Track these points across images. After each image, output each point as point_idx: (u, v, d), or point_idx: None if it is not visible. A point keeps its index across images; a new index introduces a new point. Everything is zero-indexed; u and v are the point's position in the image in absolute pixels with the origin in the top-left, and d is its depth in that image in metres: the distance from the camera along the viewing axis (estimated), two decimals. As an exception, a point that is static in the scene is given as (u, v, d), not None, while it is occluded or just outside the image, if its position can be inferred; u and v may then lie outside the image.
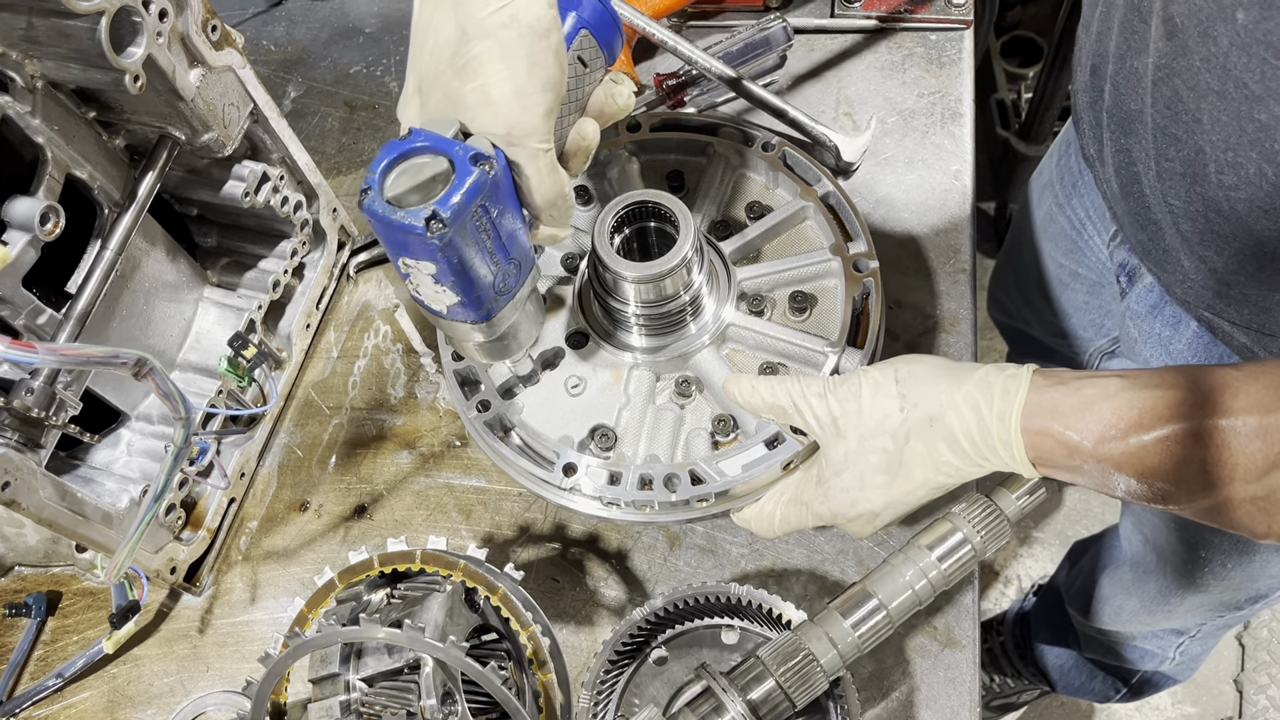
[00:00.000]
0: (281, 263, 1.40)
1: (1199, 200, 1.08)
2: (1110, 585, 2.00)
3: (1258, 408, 0.80)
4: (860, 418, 0.99)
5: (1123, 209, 1.29)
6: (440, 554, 1.07)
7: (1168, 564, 1.72)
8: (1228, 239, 1.07)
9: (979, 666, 1.18)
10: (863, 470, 1.00)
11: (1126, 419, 0.86)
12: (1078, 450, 0.88)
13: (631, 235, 1.17)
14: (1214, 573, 1.60)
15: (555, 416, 1.17)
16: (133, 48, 1.04)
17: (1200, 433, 0.81)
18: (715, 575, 1.24)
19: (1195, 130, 1.02)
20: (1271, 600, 1.68)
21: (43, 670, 1.29)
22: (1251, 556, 1.51)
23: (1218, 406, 0.81)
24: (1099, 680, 2.29)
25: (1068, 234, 1.60)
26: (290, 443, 1.43)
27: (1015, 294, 1.94)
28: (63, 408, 1.10)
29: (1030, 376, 0.93)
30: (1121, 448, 0.86)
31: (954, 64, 1.58)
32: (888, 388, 0.99)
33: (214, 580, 1.34)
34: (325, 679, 1.03)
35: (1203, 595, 1.69)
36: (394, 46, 1.81)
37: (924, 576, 0.99)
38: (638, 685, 1.15)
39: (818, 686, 0.98)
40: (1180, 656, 2.07)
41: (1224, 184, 1.02)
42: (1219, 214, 1.06)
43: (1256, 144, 0.94)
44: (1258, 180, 0.97)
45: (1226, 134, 0.97)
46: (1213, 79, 0.95)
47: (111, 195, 1.16)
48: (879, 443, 0.98)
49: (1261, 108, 0.90)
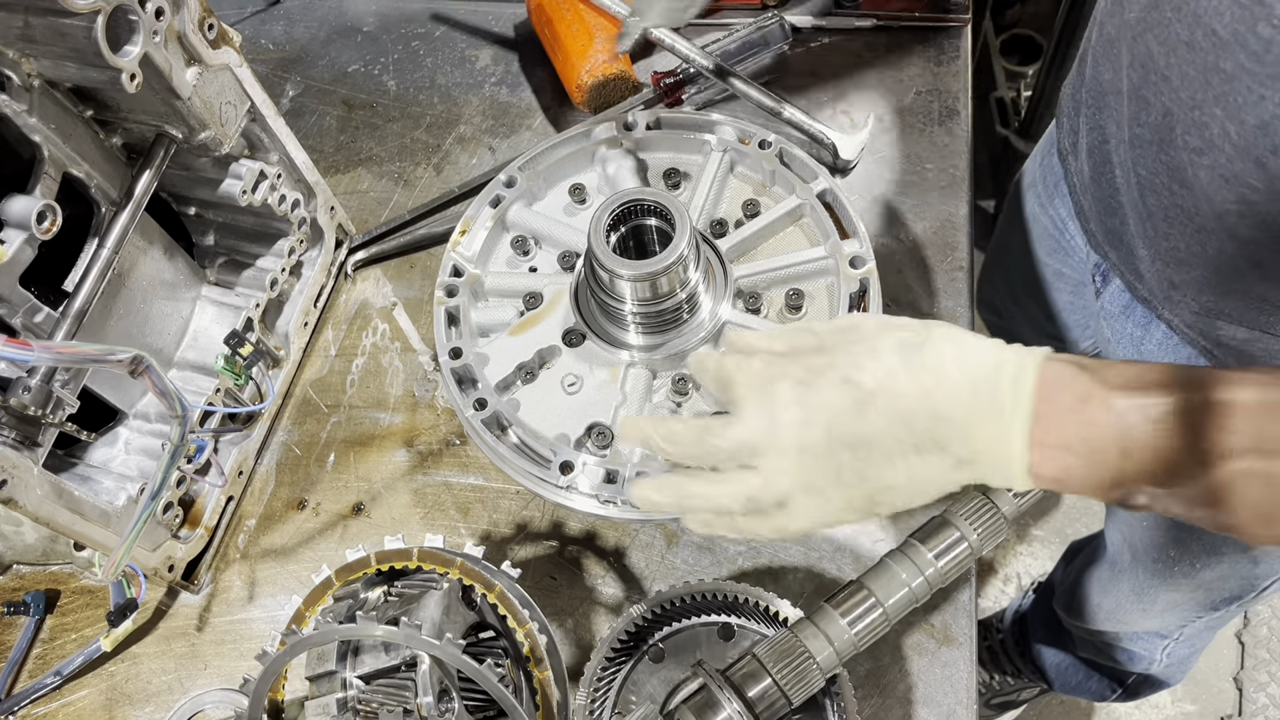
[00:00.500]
0: (279, 261, 1.40)
1: (1164, 171, 1.06)
2: (1090, 584, 2.00)
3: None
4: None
5: (1091, 197, 1.28)
6: (437, 552, 1.07)
7: (1140, 562, 1.72)
8: (1190, 214, 1.06)
9: (976, 664, 1.18)
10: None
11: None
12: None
13: (628, 233, 1.17)
14: (1183, 571, 1.60)
15: (552, 415, 1.17)
16: (129, 46, 1.04)
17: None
18: (712, 573, 1.25)
19: (1164, 90, 1.01)
20: (1246, 602, 1.68)
21: (41, 668, 1.30)
22: (1221, 557, 1.51)
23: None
24: (1095, 680, 2.30)
25: (1050, 234, 1.60)
26: (288, 441, 1.43)
27: (1004, 293, 1.95)
28: (60, 406, 1.10)
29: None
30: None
31: (951, 61, 1.58)
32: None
33: (212, 578, 1.34)
34: (322, 676, 1.03)
35: (1175, 594, 1.69)
36: (392, 45, 1.81)
37: (920, 574, 0.99)
38: (635, 682, 1.15)
39: (814, 684, 0.98)
40: (1167, 659, 2.08)
41: (1189, 146, 1.00)
42: (1183, 185, 1.04)
43: (1221, 99, 0.92)
44: (1221, 142, 0.95)
45: (1193, 90, 0.95)
46: (1183, 29, 0.94)
47: (109, 194, 1.16)
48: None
49: (1227, 55, 0.89)
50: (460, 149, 1.66)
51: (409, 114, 1.71)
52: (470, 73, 1.75)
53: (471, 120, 1.69)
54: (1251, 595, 1.67)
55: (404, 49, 1.80)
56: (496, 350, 1.21)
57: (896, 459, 0.87)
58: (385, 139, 1.69)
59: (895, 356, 0.89)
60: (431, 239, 1.55)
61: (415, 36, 1.81)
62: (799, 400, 0.89)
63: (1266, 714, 2.75)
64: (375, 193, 1.63)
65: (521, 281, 1.26)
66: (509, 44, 1.77)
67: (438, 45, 1.79)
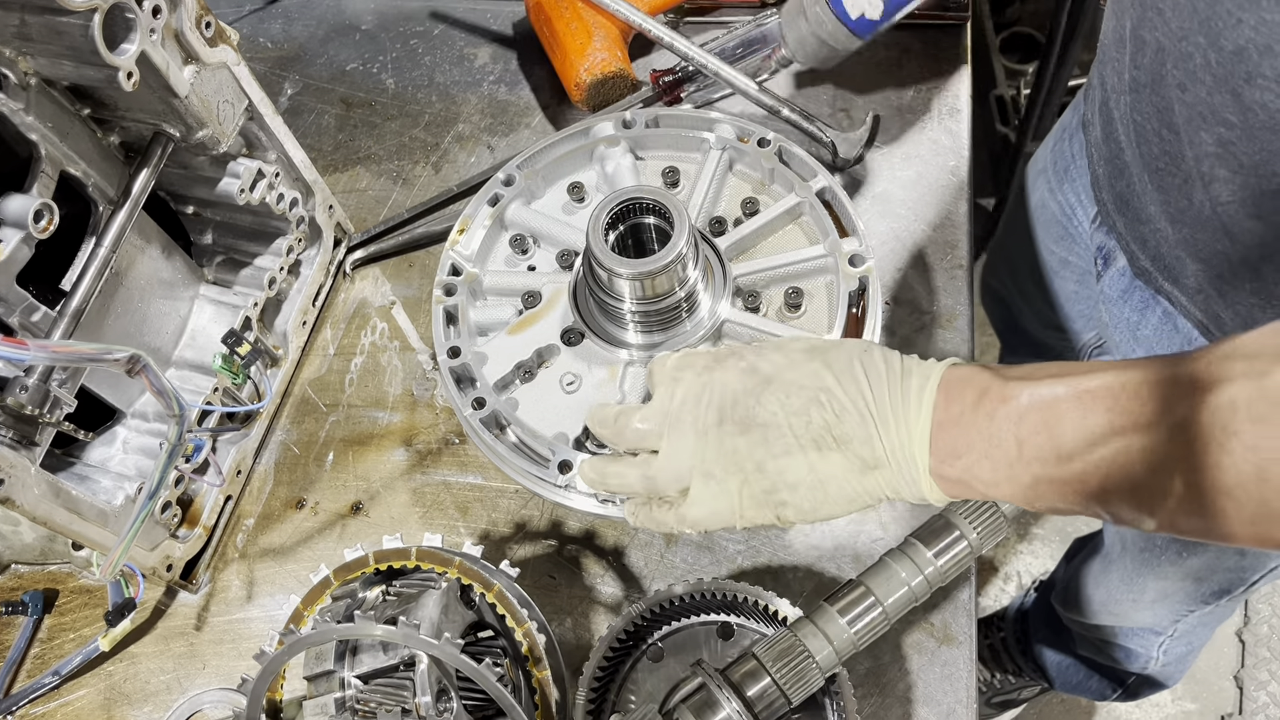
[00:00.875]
0: (277, 260, 1.40)
1: (1154, 114, 1.07)
2: (1085, 576, 2.02)
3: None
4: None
5: (1104, 160, 1.28)
6: (436, 551, 1.07)
7: (1129, 551, 1.73)
8: (1177, 161, 1.06)
9: (976, 663, 1.18)
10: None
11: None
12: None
13: (626, 232, 1.16)
14: (1170, 559, 1.61)
15: (550, 413, 1.17)
16: (126, 45, 1.04)
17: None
18: (712, 572, 1.24)
19: (1158, 25, 1.01)
20: (1236, 596, 1.69)
21: (39, 668, 1.29)
22: (1205, 544, 1.52)
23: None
24: (1095, 679, 2.30)
25: (1058, 220, 1.60)
26: (287, 440, 1.43)
27: (1009, 282, 1.95)
28: (58, 405, 1.10)
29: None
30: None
31: (951, 59, 1.58)
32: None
33: (210, 578, 1.34)
34: (320, 676, 1.02)
35: (1164, 583, 1.70)
36: (390, 44, 1.81)
37: (920, 573, 0.99)
38: (634, 681, 1.15)
39: (813, 684, 0.97)
40: (1164, 657, 2.08)
41: (1175, 81, 1.01)
42: (1169, 128, 1.05)
43: (1205, 24, 0.93)
44: (1202, 74, 0.96)
45: (1183, 19, 0.96)
46: None
47: (106, 192, 1.16)
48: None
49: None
50: (459, 147, 1.66)
51: (407, 112, 1.71)
52: (469, 71, 1.75)
53: (470, 119, 1.69)
54: (1241, 589, 1.67)
55: (402, 47, 1.80)
56: (495, 349, 1.21)
57: (796, 452, 0.89)
58: (384, 137, 1.68)
59: (801, 354, 0.92)
60: (430, 238, 1.55)
61: (414, 35, 1.81)
62: (699, 383, 0.93)
63: (1267, 712, 2.75)
64: (374, 191, 1.63)
65: (520, 280, 1.26)
66: (507, 42, 1.77)
67: (436, 43, 1.79)
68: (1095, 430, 0.74)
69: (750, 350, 0.95)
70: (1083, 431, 0.75)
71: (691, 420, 0.93)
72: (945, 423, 0.84)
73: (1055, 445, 0.77)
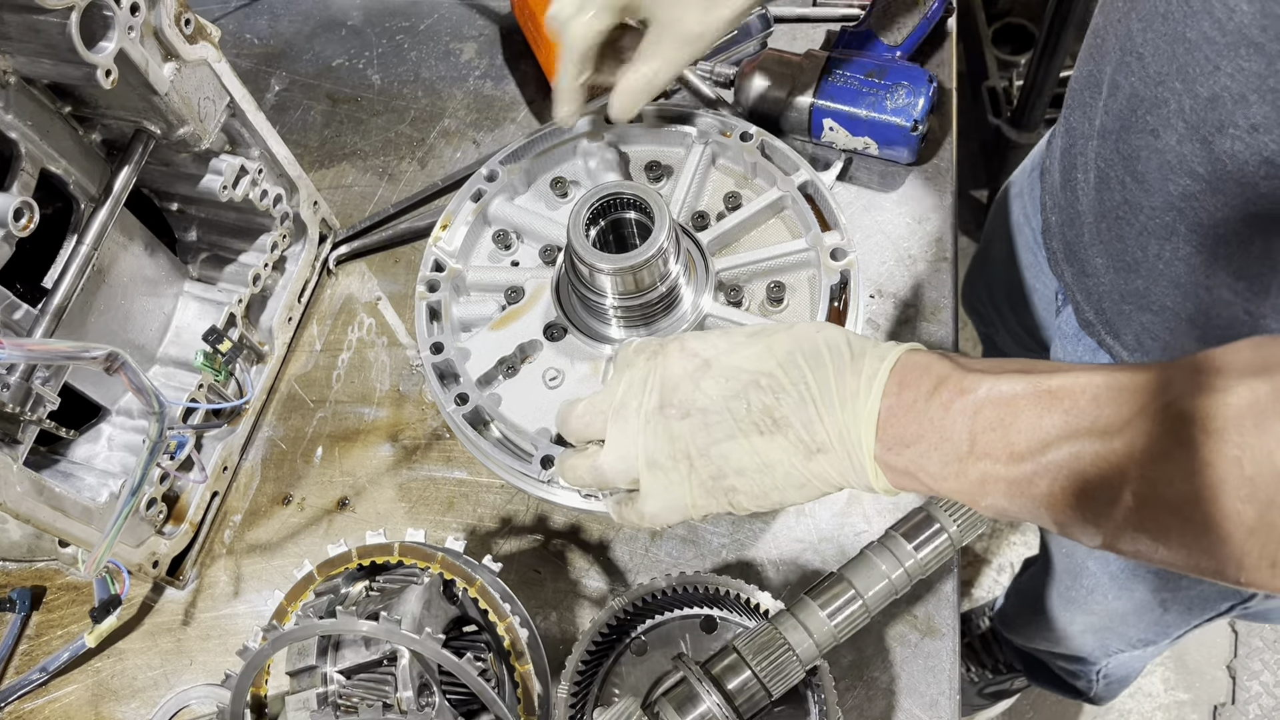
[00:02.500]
0: (262, 256, 1.40)
1: (1119, 161, 1.07)
2: (1017, 601, 2.10)
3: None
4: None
5: (1058, 208, 1.29)
6: (419, 547, 1.07)
7: (1058, 582, 1.77)
8: (1136, 210, 1.06)
9: (959, 655, 1.18)
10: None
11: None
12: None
13: (607, 227, 1.16)
14: (1097, 600, 1.65)
15: (533, 409, 1.17)
16: (104, 42, 1.04)
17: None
18: (696, 565, 1.25)
19: (1135, 69, 1.00)
20: (1162, 647, 1.77)
21: (27, 664, 1.30)
22: (1130, 593, 1.55)
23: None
24: (1059, 682, 2.32)
25: (1030, 247, 1.59)
26: (273, 436, 1.43)
27: (986, 300, 1.95)
28: (40, 403, 1.10)
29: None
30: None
31: (936, 50, 1.58)
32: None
33: (198, 574, 1.34)
34: (303, 671, 1.03)
35: (1091, 619, 1.75)
36: (376, 39, 1.80)
37: (900, 566, 0.99)
38: (618, 675, 1.15)
39: (793, 676, 0.98)
40: (1104, 681, 2.14)
41: (1146, 128, 1.00)
42: (1134, 177, 1.04)
43: (1182, 70, 0.91)
44: (1175, 120, 0.95)
45: (1161, 64, 0.95)
46: (1160, 0, 0.93)
47: (87, 190, 1.16)
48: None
49: (1194, 23, 0.88)
50: (444, 143, 1.66)
51: (393, 108, 1.71)
52: (454, 66, 1.74)
53: (456, 114, 1.68)
54: (1166, 642, 1.69)
55: (388, 43, 1.80)
56: (478, 345, 1.21)
57: (738, 437, 0.87)
58: (369, 133, 1.68)
59: (744, 338, 0.91)
60: (416, 233, 1.54)
61: (399, 30, 1.81)
62: (645, 369, 0.92)
63: (1260, 702, 2.76)
64: (359, 187, 1.63)
65: (503, 276, 1.26)
66: (493, 37, 1.76)
67: (422, 39, 1.79)
68: (1050, 431, 0.71)
69: (694, 336, 0.93)
70: (1037, 432, 0.72)
71: (635, 407, 0.91)
72: (896, 409, 0.81)
73: (1008, 443, 0.74)
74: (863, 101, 1.38)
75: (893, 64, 1.40)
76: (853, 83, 1.39)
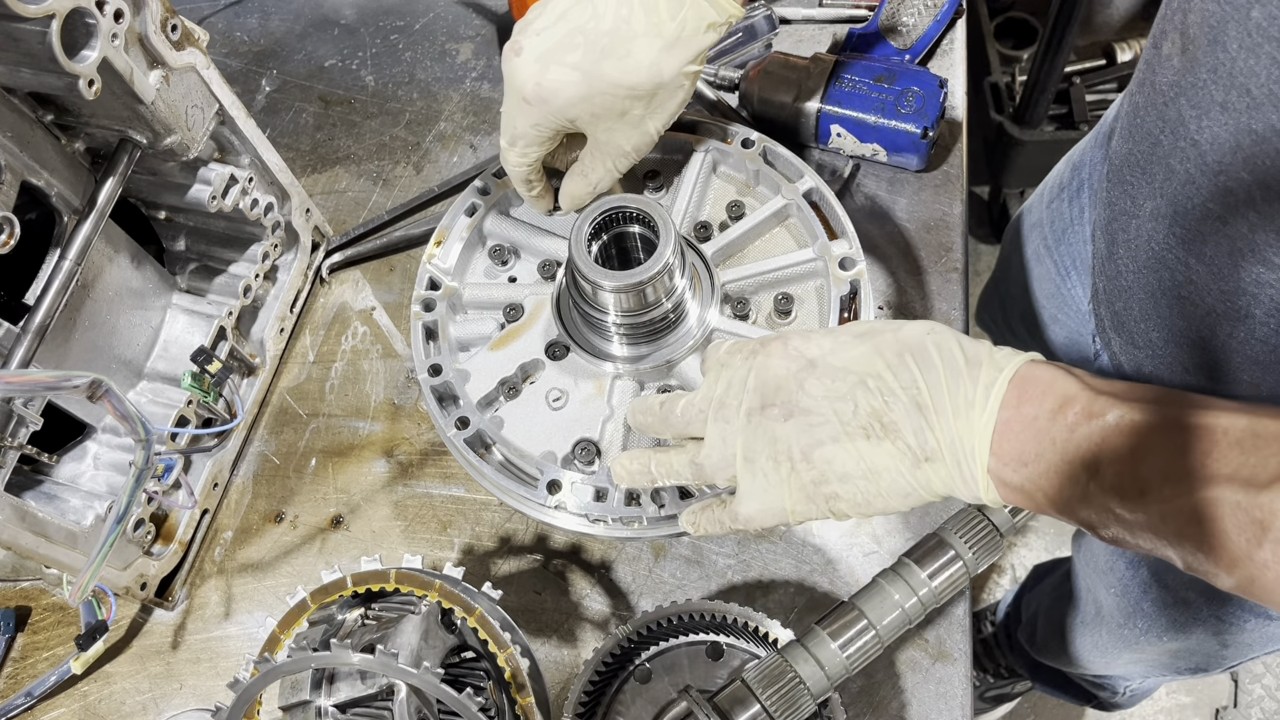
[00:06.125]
0: (253, 266, 1.36)
1: (1178, 245, 1.02)
2: (1052, 626, 2.04)
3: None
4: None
5: (1104, 274, 1.24)
6: (415, 573, 1.03)
7: (1105, 624, 1.73)
8: (1202, 293, 1.02)
9: (971, 680, 1.15)
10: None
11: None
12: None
13: (610, 242, 1.13)
14: (1149, 641, 1.60)
15: (537, 431, 1.13)
16: (86, 51, 0.99)
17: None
18: (701, 587, 1.21)
19: (1191, 156, 0.96)
20: (1212, 674, 1.69)
21: (12, 688, 1.26)
22: (1188, 634, 1.51)
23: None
24: (1071, 690, 2.30)
25: (1052, 278, 1.55)
26: (265, 451, 1.40)
27: (1001, 321, 1.91)
28: (22, 425, 1.06)
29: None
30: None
31: (946, 54, 1.54)
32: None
33: (187, 594, 1.30)
34: (296, 706, 1.00)
35: (1138, 654, 1.70)
36: (370, 39, 1.76)
37: (914, 595, 0.96)
38: (621, 703, 1.12)
39: (804, 710, 0.95)
40: (1128, 695, 2.11)
41: (1210, 214, 0.95)
42: (1199, 259, 0.99)
43: (1249, 161, 0.87)
44: (1245, 210, 0.90)
45: (1221, 154, 0.90)
46: (1218, 90, 0.88)
47: (70, 202, 1.12)
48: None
49: (1259, 115, 0.84)
50: (441, 147, 1.61)
51: (388, 110, 1.67)
52: (450, 67, 1.70)
53: (452, 117, 1.64)
54: (1218, 669, 1.65)
55: (382, 42, 1.75)
56: (477, 366, 1.17)
57: (844, 441, 0.83)
58: (363, 137, 1.64)
59: (851, 338, 0.87)
60: (410, 240, 1.50)
61: (394, 30, 1.76)
62: (745, 367, 0.89)
63: (1262, 705, 2.74)
64: (353, 193, 1.58)
65: (501, 293, 1.22)
66: (490, 37, 1.72)
67: (417, 39, 1.74)
68: (1187, 473, 0.68)
69: (798, 334, 0.90)
70: (1173, 471, 0.68)
71: (736, 405, 0.88)
72: (1014, 423, 0.77)
73: (1137, 478, 0.70)
74: (872, 107, 1.34)
75: (902, 68, 1.37)
76: (861, 88, 1.35)
